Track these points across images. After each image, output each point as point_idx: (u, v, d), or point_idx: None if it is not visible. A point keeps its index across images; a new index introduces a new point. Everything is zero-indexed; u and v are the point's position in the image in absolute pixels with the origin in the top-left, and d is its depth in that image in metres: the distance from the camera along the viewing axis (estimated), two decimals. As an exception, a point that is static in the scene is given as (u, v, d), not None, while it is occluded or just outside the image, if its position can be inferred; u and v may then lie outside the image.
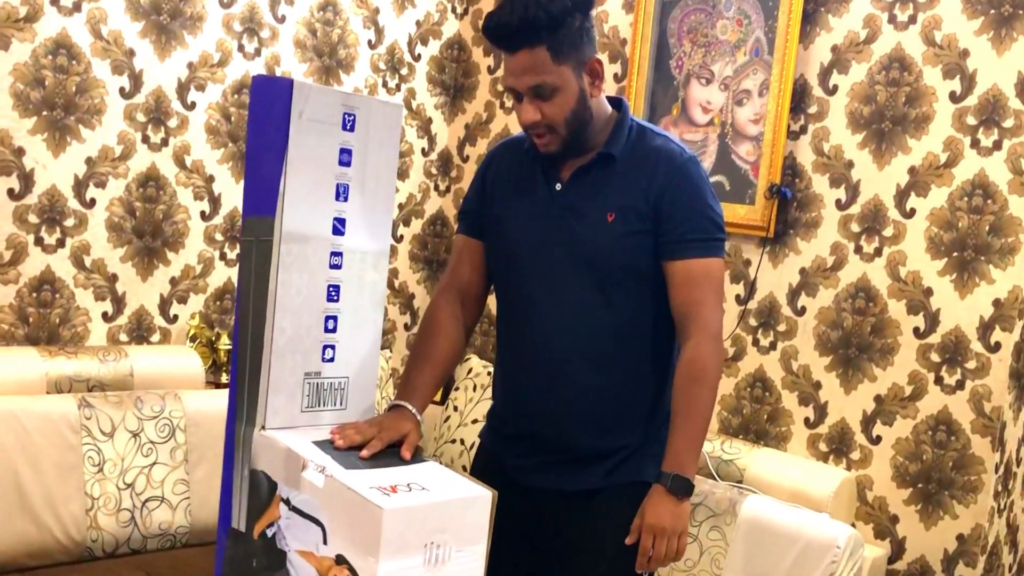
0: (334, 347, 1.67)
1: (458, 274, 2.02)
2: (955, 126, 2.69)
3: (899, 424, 2.77)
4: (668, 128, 3.19)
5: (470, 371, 3.48)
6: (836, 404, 2.89)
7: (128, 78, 2.95)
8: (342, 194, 1.65)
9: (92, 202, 2.92)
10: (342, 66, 3.50)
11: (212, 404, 2.82)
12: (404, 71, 3.70)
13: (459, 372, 3.53)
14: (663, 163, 1.87)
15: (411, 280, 3.85)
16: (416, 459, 1.65)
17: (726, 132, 3.10)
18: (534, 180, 1.94)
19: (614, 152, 1.88)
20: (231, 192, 3.22)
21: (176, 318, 3.15)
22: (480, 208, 2.01)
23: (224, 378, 3.12)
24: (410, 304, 3.86)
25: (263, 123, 1.60)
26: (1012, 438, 2.68)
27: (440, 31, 3.80)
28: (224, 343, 3.16)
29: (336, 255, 1.66)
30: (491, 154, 2.07)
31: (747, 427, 3.07)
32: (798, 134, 2.97)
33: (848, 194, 2.88)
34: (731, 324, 3.06)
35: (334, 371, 1.68)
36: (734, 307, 3.08)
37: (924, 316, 2.74)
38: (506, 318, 2.00)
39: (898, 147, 2.79)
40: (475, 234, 2.01)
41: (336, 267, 1.66)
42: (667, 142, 1.92)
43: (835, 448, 2.89)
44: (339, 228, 1.65)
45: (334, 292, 1.66)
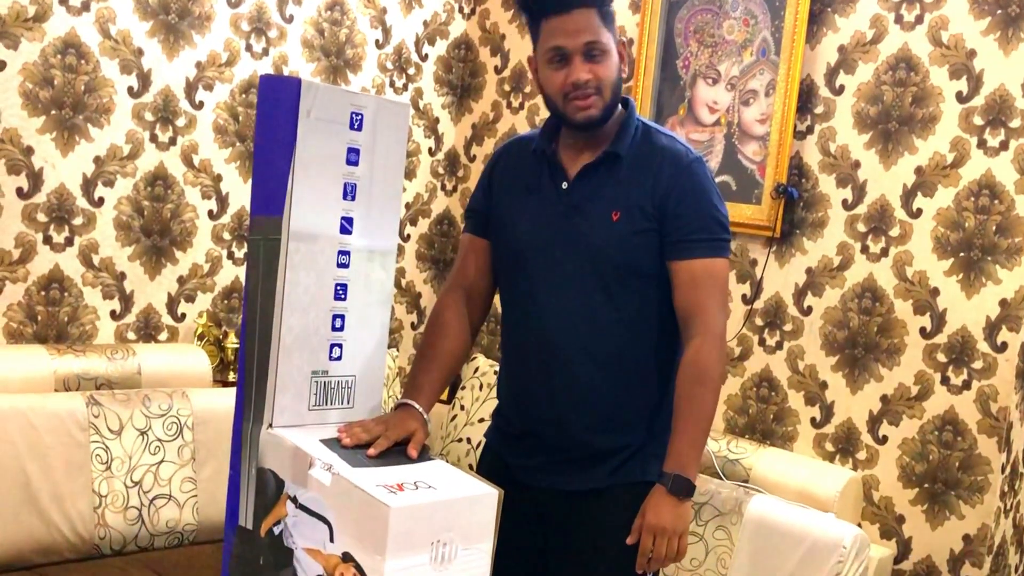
0: (341, 346, 1.68)
1: (464, 273, 2.02)
2: (962, 126, 2.69)
3: (905, 424, 2.77)
4: (674, 128, 3.19)
5: (477, 370, 3.49)
6: (842, 404, 2.89)
7: (136, 77, 2.96)
8: (349, 193, 1.65)
9: (100, 201, 2.93)
10: (349, 66, 3.50)
11: (219, 402, 2.83)
12: (411, 71, 3.71)
13: (466, 371, 3.53)
14: (669, 163, 1.88)
15: (418, 279, 3.86)
16: (423, 457, 1.65)
17: (732, 132, 3.10)
18: (541, 179, 1.94)
19: (620, 151, 1.89)
20: (239, 191, 3.23)
21: (184, 316, 3.16)
22: (486, 207, 2.01)
23: (231, 376, 3.13)
24: (417, 303, 3.87)
25: (271, 122, 1.61)
26: (1019, 438, 2.68)
27: (447, 31, 3.81)
28: (232, 342, 3.17)
29: (343, 254, 1.66)
30: (498, 153, 2.07)
31: (753, 427, 3.07)
32: (804, 134, 2.97)
33: (854, 194, 2.88)
34: (737, 324, 3.06)
35: (341, 370, 1.69)
36: (740, 307, 3.08)
37: (930, 316, 2.73)
38: (510, 316, 2.00)
39: (905, 147, 2.79)
40: (481, 233, 2.02)
41: (343, 266, 1.66)
42: (673, 142, 1.93)
43: (841, 448, 2.89)
44: (346, 227, 1.65)
45: (341, 291, 1.67)
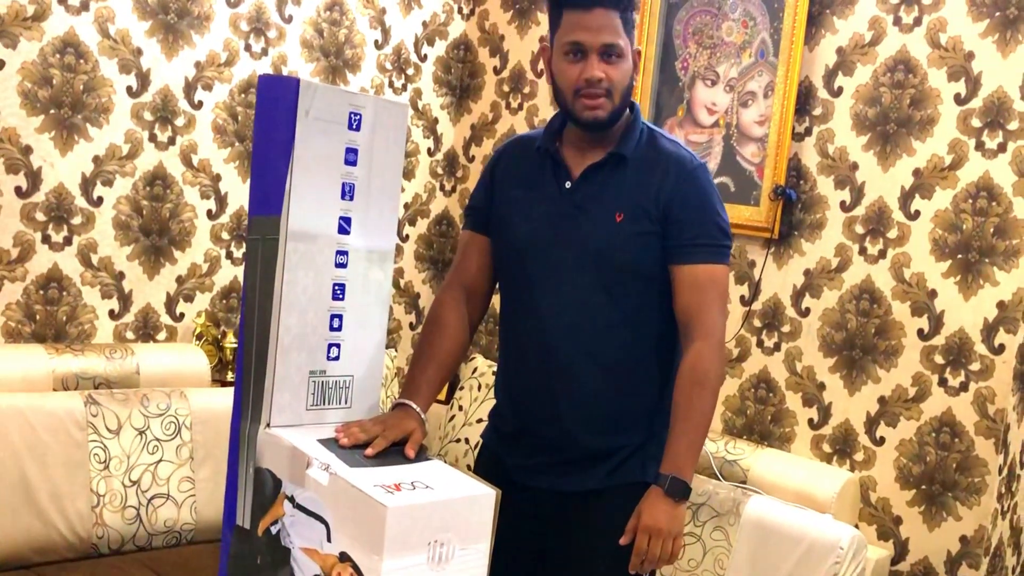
0: (339, 346, 1.68)
1: (464, 270, 2.02)
2: (960, 128, 2.69)
3: (903, 426, 2.77)
4: (673, 130, 3.19)
5: (475, 370, 3.49)
6: (840, 405, 2.90)
7: (135, 77, 2.97)
8: (348, 193, 1.65)
9: (99, 200, 2.93)
10: (348, 66, 3.51)
11: (218, 402, 2.83)
12: (410, 71, 3.71)
13: (464, 371, 3.53)
14: (674, 167, 1.89)
15: (416, 280, 3.86)
16: (420, 458, 1.65)
17: (731, 134, 3.10)
18: (544, 178, 1.94)
19: (626, 153, 1.89)
20: (237, 191, 3.23)
21: (182, 316, 3.16)
22: (487, 204, 2.01)
23: (230, 376, 3.13)
24: (415, 303, 3.87)
25: (269, 122, 1.61)
26: (1016, 440, 2.68)
27: (446, 31, 3.81)
28: (230, 341, 3.17)
29: (342, 254, 1.66)
30: (500, 151, 2.07)
31: (751, 428, 3.07)
32: (803, 136, 2.98)
33: (853, 196, 2.88)
34: (735, 325, 3.06)
35: (339, 369, 1.69)
36: (738, 308, 3.09)
37: (928, 318, 2.74)
38: (510, 315, 2.00)
39: (903, 149, 2.79)
40: (482, 230, 2.02)
41: (342, 266, 1.66)
42: (678, 148, 1.94)
43: (839, 449, 2.90)
44: (345, 227, 1.65)
45: (339, 291, 1.67)
